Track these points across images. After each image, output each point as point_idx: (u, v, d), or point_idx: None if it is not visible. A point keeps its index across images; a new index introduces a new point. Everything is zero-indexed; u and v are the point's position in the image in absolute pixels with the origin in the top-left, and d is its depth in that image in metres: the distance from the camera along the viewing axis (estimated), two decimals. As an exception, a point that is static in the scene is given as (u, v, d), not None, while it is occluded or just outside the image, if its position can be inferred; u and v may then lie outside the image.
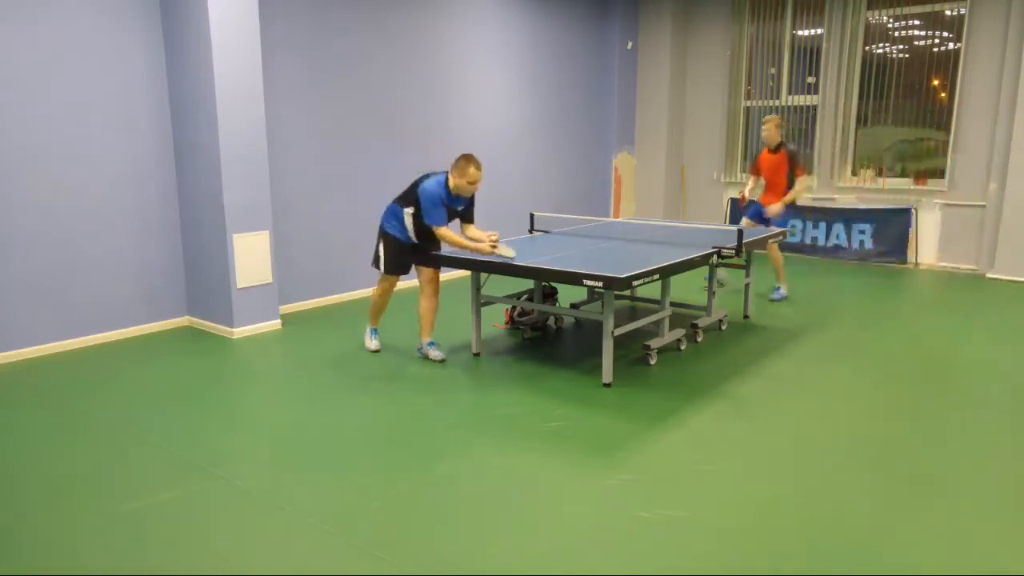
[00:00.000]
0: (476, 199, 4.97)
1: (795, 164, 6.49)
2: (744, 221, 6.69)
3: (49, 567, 2.67)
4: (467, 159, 4.59)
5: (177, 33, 5.40)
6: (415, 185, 4.71)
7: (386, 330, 5.53)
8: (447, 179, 4.67)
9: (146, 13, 5.40)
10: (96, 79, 5.19)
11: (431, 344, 4.99)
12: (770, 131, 6.51)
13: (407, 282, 5.75)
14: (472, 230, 4.86)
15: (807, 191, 6.39)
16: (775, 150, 6.55)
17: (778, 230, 6.06)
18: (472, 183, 4.62)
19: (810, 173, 6.25)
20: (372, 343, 5.16)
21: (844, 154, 8.76)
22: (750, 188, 6.86)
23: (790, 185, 6.53)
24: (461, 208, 4.82)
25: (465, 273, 7.28)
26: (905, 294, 7.08)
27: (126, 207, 5.45)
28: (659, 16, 9.56)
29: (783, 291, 6.73)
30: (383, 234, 4.85)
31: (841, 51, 8.59)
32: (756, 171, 6.84)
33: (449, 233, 4.69)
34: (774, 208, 6.49)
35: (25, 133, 4.90)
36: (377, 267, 4.93)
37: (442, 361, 4.94)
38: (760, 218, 6.69)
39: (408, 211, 4.74)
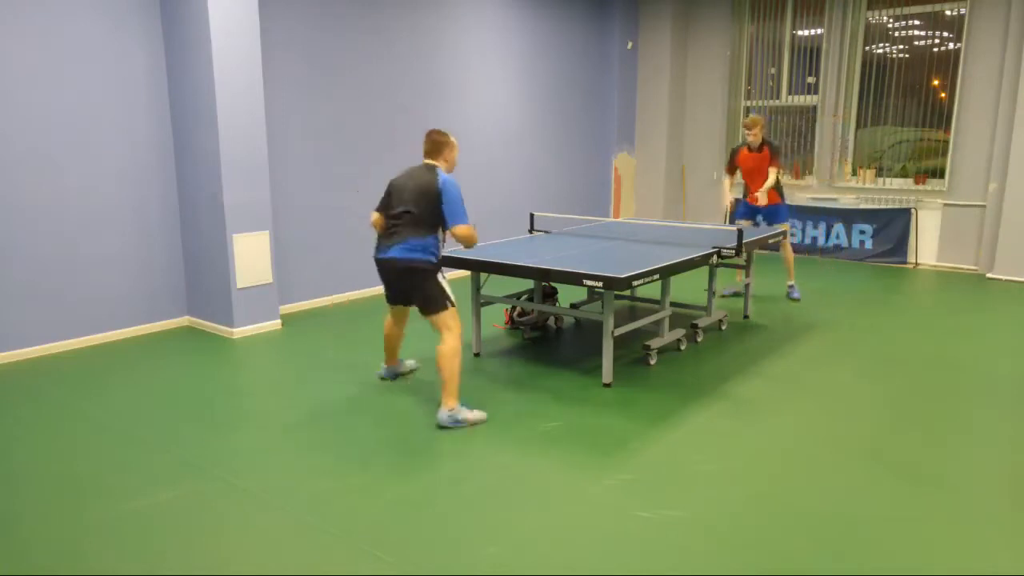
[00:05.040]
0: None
1: (775, 157, 6.43)
2: (739, 223, 6.69)
3: (49, 567, 2.67)
4: (442, 132, 4.10)
5: (177, 33, 5.40)
6: (428, 196, 3.91)
7: (380, 336, 5.49)
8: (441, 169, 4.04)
9: (146, 14, 5.40)
10: (96, 80, 5.18)
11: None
12: (757, 135, 6.43)
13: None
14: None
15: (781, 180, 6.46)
16: (758, 149, 6.50)
17: (780, 228, 6.06)
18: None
19: (785, 167, 6.29)
20: (477, 412, 3.99)
21: (844, 154, 8.77)
22: (729, 187, 6.81)
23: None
24: None
25: (465, 273, 7.28)
26: (905, 294, 7.08)
27: (126, 207, 5.45)
28: (659, 16, 9.56)
29: (797, 291, 6.78)
30: (434, 267, 3.98)
31: (841, 51, 8.59)
32: (732, 170, 6.77)
33: (474, 231, 3.99)
34: (762, 196, 6.40)
35: (25, 134, 4.90)
36: (445, 307, 3.98)
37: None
38: (753, 213, 6.67)
39: (438, 233, 4.03)
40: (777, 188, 6.52)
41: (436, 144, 4.06)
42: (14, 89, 4.83)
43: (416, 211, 3.91)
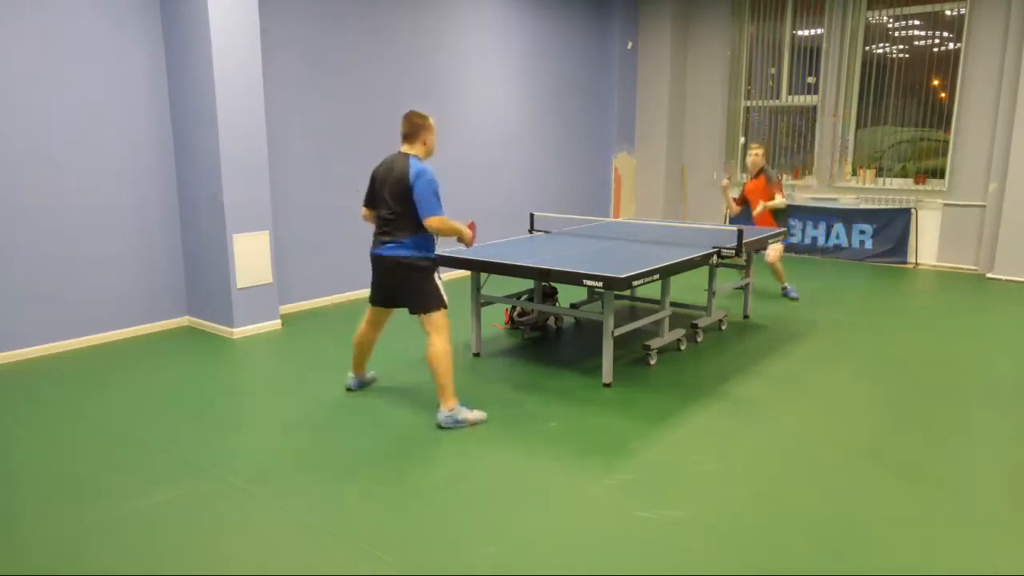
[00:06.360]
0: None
1: (772, 184, 6.65)
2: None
3: (49, 567, 2.67)
4: (420, 114, 3.95)
5: (177, 33, 5.40)
6: (403, 191, 3.79)
7: (381, 338, 5.49)
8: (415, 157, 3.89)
9: (146, 14, 5.40)
10: (96, 80, 5.18)
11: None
12: (757, 156, 6.70)
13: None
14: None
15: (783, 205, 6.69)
16: (755, 175, 6.74)
17: (778, 230, 6.07)
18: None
19: (784, 193, 6.60)
20: (476, 412, 3.98)
21: (844, 154, 8.77)
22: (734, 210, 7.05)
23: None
24: None
25: (465, 273, 7.27)
26: (905, 294, 7.08)
27: (126, 207, 5.45)
28: (659, 16, 9.56)
29: (794, 291, 6.87)
30: (431, 264, 3.95)
31: (841, 51, 8.59)
32: (742, 202, 7.00)
33: (449, 220, 3.88)
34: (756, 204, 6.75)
35: (26, 134, 4.90)
36: (437, 308, 3.93)
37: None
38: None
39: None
40: (774, 214, 6.72)
41: (414, 127, 3.91)
42: (14, 89, 4.82)
43: (400, 210, 3.84)
